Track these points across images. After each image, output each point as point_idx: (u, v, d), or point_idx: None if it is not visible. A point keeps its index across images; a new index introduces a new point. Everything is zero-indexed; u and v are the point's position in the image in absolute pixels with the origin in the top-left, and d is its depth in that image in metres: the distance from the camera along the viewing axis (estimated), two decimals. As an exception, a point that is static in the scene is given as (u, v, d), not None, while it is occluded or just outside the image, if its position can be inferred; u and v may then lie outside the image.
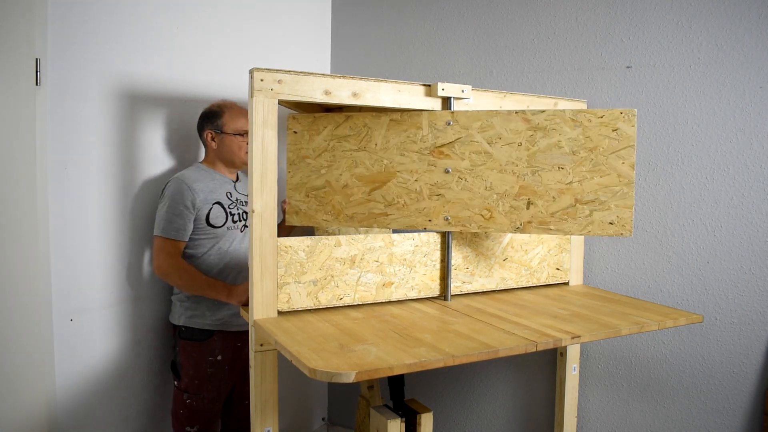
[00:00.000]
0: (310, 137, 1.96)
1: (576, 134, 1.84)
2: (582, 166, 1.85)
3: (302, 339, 1.53)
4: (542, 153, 1.86)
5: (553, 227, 1.87)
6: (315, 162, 1.96)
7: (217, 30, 2.32)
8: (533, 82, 2.40)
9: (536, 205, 1.88)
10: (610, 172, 1.83)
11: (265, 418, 1.74)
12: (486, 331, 1.64)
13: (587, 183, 1.85)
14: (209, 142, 2.13)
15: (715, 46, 2.08)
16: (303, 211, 1.98)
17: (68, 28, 1.92)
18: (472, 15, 2.52)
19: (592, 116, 1.83)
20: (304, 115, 1.98)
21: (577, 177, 1.85)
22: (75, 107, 1.96)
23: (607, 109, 1.83)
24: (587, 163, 1.84)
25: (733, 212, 2.08)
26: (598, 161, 1.84)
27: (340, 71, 2.75)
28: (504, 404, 2.53)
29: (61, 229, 1.95)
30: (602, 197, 1.83)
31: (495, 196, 1.95)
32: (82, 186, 1.99)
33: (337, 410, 2.96)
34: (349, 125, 1.94)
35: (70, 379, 1.99)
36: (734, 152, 2.07)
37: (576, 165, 1.85)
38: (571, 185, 1.85)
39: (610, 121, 1.82)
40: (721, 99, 2.08)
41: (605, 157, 1.83)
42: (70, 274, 1.97)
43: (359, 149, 1.93)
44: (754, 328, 2.05)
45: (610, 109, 1.83)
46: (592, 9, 2.28)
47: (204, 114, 2.14)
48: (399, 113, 1.92)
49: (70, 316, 1.98)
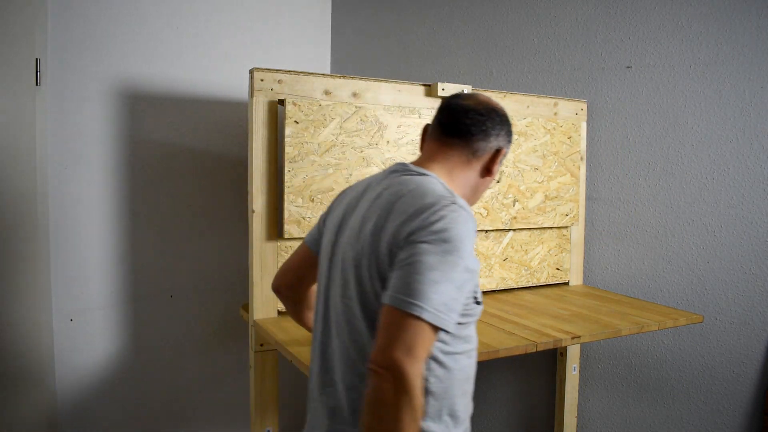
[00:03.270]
0: (315, 130, 1.75)
1: (546, 140, 2.15)
2: (549, 167, 2.17)
3: (302, 339, 1.53)
4: (525, 155, 2.11)
5: (531, 222, 2.14)
6: (321, 159, 1.76)
7: (217, 30, 2.32)
8: (533, 82, 2.40)
9: (520, 201, 2.11)
10: (566, 173, 2.21)
11: (265, 418, 1.74)
12: (486, 331, 1.64)
13: (553, 182, 2.18)
14: (489, 163, 1.14)
15: (715, 46, 2.08)
16: (306, 220, 1.75)
17: (68, 28, 1.92)
18: (473, 15, 2.51)
19: (556, 125, 2.17)
20: (308, 100, 1.73)
21: (547, 177, 2.16)
22: (75, 107, 1.96)
23: (564, 120, 2.19)
24: (553, 165, 2.17)
25: (733, 212, 2.08)
26: (559, 163, 2.19)
27: (340, 71, 2.75)
28: (504, 404, 2.52)
29: (61, 229, 1.95)
30: (562, 193, 2.20)
31: (490, 195, 2.03)
32: (82, 186, 1.99)
33: (337, 410, 2.96)
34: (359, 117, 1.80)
35: (70, 379, 1.99)
36: (734, 152, 2.07)
37: (546, 166, 2.15)
38: (542, 184, 2.16)
39: (566, 130, 2.19)
40: (721, 99, 2.08)
41: (563, 159, 2.20)
42: (70, 274, 1.97)
43: (370, 145, 1.83)
44: (754, 328, 2.05)
45: (566, 119, 2.20)
46: (592, 9, 2.28)
47: (504, 117, 1.15)
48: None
49: (70, 316, 1.98)
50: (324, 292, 1.13)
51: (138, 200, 2.13)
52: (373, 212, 1.04)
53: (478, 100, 1.12)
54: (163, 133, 2.20)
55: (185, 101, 2.24)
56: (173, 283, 2.22)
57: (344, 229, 1.10)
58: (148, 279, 2.18)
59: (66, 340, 1.97)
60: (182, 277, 2.24)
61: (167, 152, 2.21)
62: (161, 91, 2.17)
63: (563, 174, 2.20)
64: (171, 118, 2.21)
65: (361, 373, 1.00)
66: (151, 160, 2.17)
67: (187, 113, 2.24)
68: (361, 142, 1.80)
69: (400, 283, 0.92)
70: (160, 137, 2.19)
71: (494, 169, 1.12)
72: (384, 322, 0.92)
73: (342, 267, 1.07)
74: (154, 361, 2.22)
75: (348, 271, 1.05)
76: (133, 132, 2.11)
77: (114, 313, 2.10)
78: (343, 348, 1.05)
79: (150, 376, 2.21)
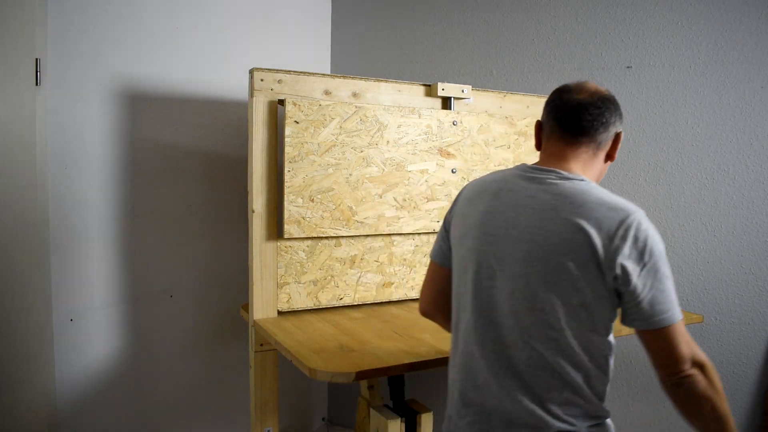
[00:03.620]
0: (315, 130, 1.77)
1: None
2: None
3: (302, 339, 1.53)
4: (525, 155, 2.11)
5: None
6: (321, 159, 1.77)
7: (217, 30, 2.32)
8: (533, 82, 2.40)
9: None
10: None
11: (265, 418, 1.74)
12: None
13: None
14: (611, 149, 1.17)
15: (715, 46, 2.08)
16: (306, 220, 1.76)
17: (68, 28, 1.92)
18: (473, 15, 2.51)
19: None
20: (308, 100, 1.75)
21: None
22: (75, 107, 1.96)
23: None
24: None
25: (733, 212, 2.08)
26: None
27: (340, 71, 2.75)
28: (504, 404, 2.52)
29: (61, 229, 1.95)
30: None
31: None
32: (82, 186, 1.99)
33: (337, 410, 2.96)
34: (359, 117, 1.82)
35: (70, 379, 1.99)
36: (734, 152, 2.07)
37: None
38: None
39: None
40: (721, 99, 2.08)
41: None
42: (70, 274, 1.97)
43: (370, 145, 1.84)
44: (754, 328, 2.05)
45: None
46: (592, 9, 2.28)
47: (615, 102, 1.16)
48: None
49: (70, 316, 1.98)
50: (476, 298, 1.11)
51: (138, 200, 2.13)
52: (538, 216, 1.05)
53: (589, 91, 1.13)
54: (163, 133, 2.20)
55: (185, 101, 2.24)
56: (173, 283, 2.22)
57: (500, 236, 1.09)
58: (148, 279, 2.18)
59: (66, 340, 1.97)
60: (182, 277, 2.24)
61: (167, 152, 2.21)
62: (161, 91, 2.17)
63: None
64: (171, 118, 2.21)
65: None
66: (151, 160, 2.17)
67: (187, 113, 2.24)
68: (361, 142, 1.80)
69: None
70: (160, 137, 2.19)
71: (615, 153, 1.16)
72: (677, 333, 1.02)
73: (518, 274, 1.06)
74: (154, 361, 2.22)
75: (533, 277, 1.04)
76: (133, 132, 2.11)
77: (114, 313, 2.10)
78: (524, 347, 1.05)
79: (150, 376, 2.21)
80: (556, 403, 1.04)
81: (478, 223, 1.12)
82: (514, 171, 1.15)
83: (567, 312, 1.02)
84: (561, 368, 1.03)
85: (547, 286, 1.02)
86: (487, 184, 1.16)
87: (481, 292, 1.10)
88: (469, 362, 1.12)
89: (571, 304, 1.02)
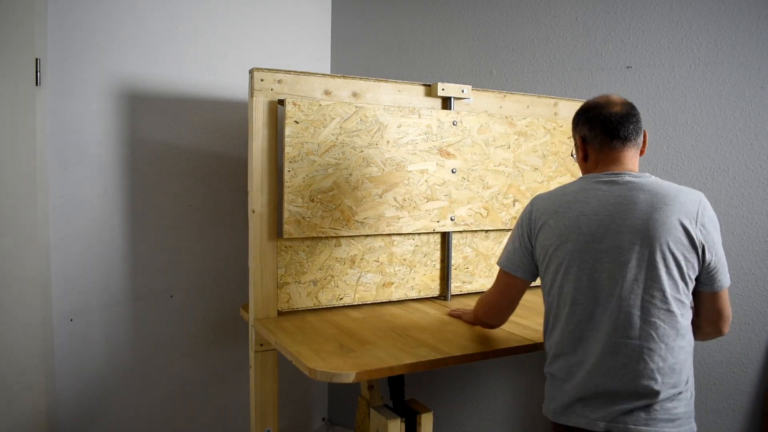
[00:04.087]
0: (315, 130, 1.77)
1: (546, 140, 2.15)
2: (550, 167, 2.17)
3: (302, 339, 1.53)
4: (525, 155, 2.11)
5: None
6: (321, 159, 1.77)
7: (217, 30, 2.32)
8: (533, 82, 2.40)
9: (520, 201, 2.12)
10: (566, 173, 2.22)
11: (265, 418, 1.74)
12: (486, 331, 1.64)
13: (553, 182, 2.18)
14: (642, 146, 1.42)
15: (715, 46, 2.08)
16: (306, 220, 1.76)
17: (68, 28, 1.92)
18: (472, 15, 2.51)
19: (556, 125, 2.17)
20: (308, 100, 1.75)
21: (547, 177, 2.17)
22: (75, 107, 1.96)
23: (564, 120, 2.18)
24: (553, 165, 2.18)
25: (733, 212, 2.08)
26: (559, 163, 2.20)
27: (340, 71, 2.75)
28: (504, 404, 2.52)
29: (61, 229, 1.95)
30: None
31: (489, 195, 2.04)
32: (82, 186, 1.99)
33: (337, 410, 2.96)
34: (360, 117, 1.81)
35: (70, 379, 1.99)
36: (734, 152, 2.07)
37: (546, 166, 2.16)
38: (542, 184, 2.16)
39: (566, 130, 2.19)
40: (721, 99, 2.08)
41: (563, 159, 2.20)
42: (70, 274, 1.97)
43: (370, 145, 1.84)
44: (754, 328, 2.05)
45: (566, 119, 2.18)
46: (592, 9, 2.28)
47: (636, 108, 1.41)
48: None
49: (70, 316, 1.98)
50: (591, 288, 1.27)
51: (138, 200, 2.13)
52: (631, 209, 1.25)
53: (619, 102, 1.37)
54: (163, 133, 2.20)
55: (185, 101, 2.24)
56: (173, 283, 2.23)
57: (599, 234, 1.27)
58: (148, 279, 2.18)
59: (66, 340, 1.97)
60: (182, 277, 2.24)
61: (167, 152, 2.21)
62: (161, 91, 2.18)
63: (563, 174, 2.20)
64: (171, 118, 2.21)
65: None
66: (151, 160, 2.17)
67: (187, 113, 2.24)
68: (361, 142, 1.80)
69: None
70: (160, 137, 2.19)
71: (645, 149, 1.41)
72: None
73: (624, 262, 1.24)
74: (154, 361, 2.22)
75: (644, 265, 1.24)
76: (133, 132, 2.11)
77: (114, 313, 2.10)
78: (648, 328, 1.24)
79: (150, 376, 2.21)
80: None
81: (575, 228, 1.29)
82: (587, 181, 1.34)
83: (671, 287, 1.22)
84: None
85: (651, 268, 1.23)
86: (567, 195, 1.34)
87: (593, 282, 1.26)
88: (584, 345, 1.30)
89: (673, 278, 1.22)
